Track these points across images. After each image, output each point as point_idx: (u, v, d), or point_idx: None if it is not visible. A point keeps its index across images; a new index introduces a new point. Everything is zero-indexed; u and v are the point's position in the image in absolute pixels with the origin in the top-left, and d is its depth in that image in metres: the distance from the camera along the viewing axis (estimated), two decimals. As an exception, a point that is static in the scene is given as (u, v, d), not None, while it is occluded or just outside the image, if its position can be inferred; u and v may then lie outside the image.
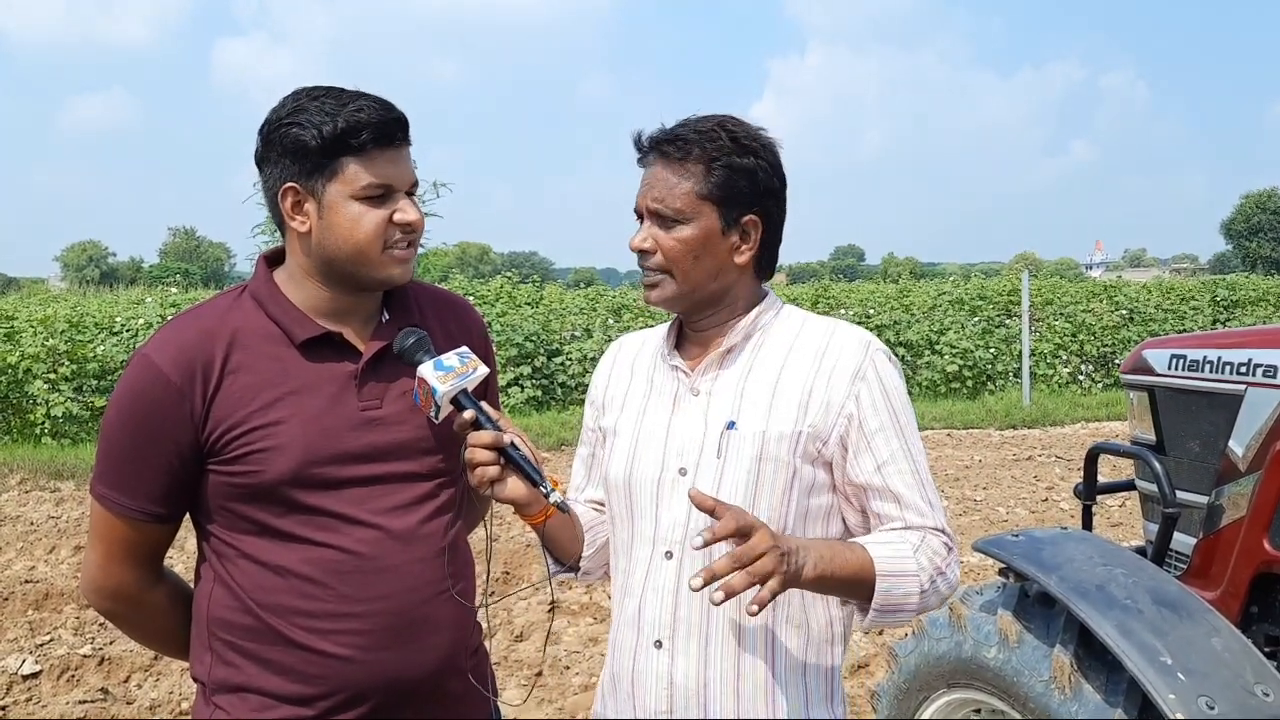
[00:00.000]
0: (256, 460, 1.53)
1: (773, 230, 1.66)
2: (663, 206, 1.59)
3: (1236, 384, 2.48)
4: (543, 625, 5.02)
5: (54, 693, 4.39)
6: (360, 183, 1.53)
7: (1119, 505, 7.20)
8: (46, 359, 10.87)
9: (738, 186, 1.59)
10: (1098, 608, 2.05)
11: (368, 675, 1.56)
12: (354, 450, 1.57)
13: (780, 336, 1.67)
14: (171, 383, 1.52)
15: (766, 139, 1.64)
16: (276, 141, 1.55)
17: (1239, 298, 17.67)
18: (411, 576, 1.58)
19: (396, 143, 1.56)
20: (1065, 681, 2.08)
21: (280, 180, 1.56)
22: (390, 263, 1.58)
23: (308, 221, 1.56)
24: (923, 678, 2.55)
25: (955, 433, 11.39)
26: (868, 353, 1.62)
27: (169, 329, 1.59)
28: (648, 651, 1.62)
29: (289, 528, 1.55)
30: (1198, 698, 1.87)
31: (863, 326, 13.75)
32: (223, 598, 1.59)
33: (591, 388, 1.85)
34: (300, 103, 1.54)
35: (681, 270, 1.61)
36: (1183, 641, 1.98)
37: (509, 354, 12.44)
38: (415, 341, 1.60)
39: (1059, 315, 15.49)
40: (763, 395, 1.61)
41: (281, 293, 1.61)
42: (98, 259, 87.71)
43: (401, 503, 1.60)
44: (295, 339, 1.58)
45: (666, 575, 1.61)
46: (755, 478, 1.58)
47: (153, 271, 66.01)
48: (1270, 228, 75.21)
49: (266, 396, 1.55)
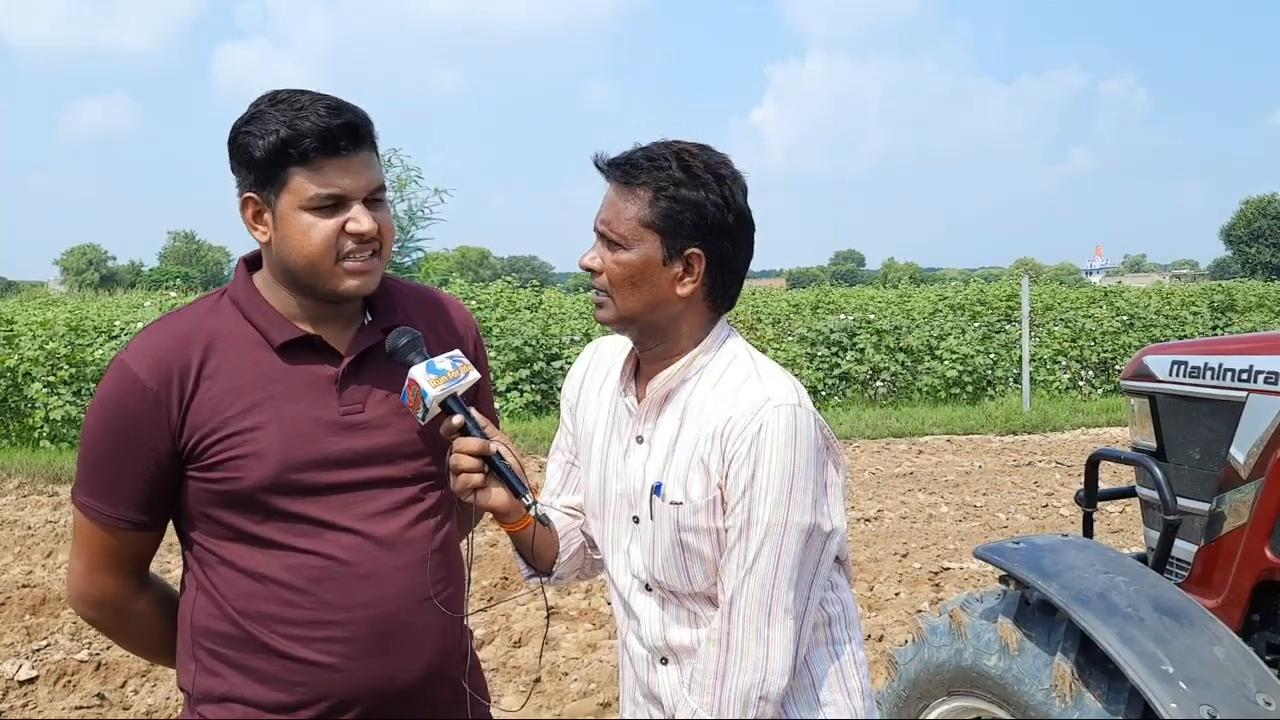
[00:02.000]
0: (235, 466, 1.51)
1: (722, 266, 1.61)
2: (608, 230, 1.60)
3: (1238, 390, 2.47)
4: (541, 631, 5.01)
5: (50, 698, 4.37)
6: (307, 194, 1.49)
7: (1119, 512, 7.19)
8: (45, 362, 10.87)
9: (681, 218, 1.56)
10: (1099, 615, 2.04)
11: (352, 683, 1.54)
12: (334, 455, 1.54)
13: (706, 388, 1.62)
14: (148, 389, 1.50)
15: (725, 173, 1.60)
16: (234, 151, 1.53)
17: (1239, 303, 17.68)
18: (395, 583, 1.56)
19: (344, 150, 1.50)
20: (1066, 690, 2.07)
21: (241, 189, 1.55)
22: (344, 275, 1.53)
23: (268, 231, 1.54)
24: (923, 685, 2.54)
25: (955, 438, 11.38)
26: (757, 415, 1.54)
27: (146, 334, 1.57)
28: (657, 668, 1.68)
29: (269, 534, 1.53)
30: (1199, 706, 1.86)
31: (864, 331, 13.81)
32: (205, 605, 1.57)
33: (567, 386, 1.86)
34: (260, 108, 1.51)
35: (620, 294, 1.60)
36: (1184, 650, 1.97)
37: (508, 359, 12.42)
38: (408, 342, 1.58)
39: (1059, 321, 15.49)
40: (684, 458, 1.60)
41: (260, 296, 1.59)
42: (97, 263, 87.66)
43: (385, 508, 1.57)
44: (274, 342, 1.56)
45: (650, 606, 1.67)
46: (680, 545, 1.60)
47: (152, 275, 65.99)
48: (1271, 233, 75.30)
49: (244, 401, 1.52)
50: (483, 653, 4.80)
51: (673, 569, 1.60)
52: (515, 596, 5.26)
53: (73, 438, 10.60)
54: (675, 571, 1.60)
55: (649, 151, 1.60)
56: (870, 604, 5.48)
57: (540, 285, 16.46)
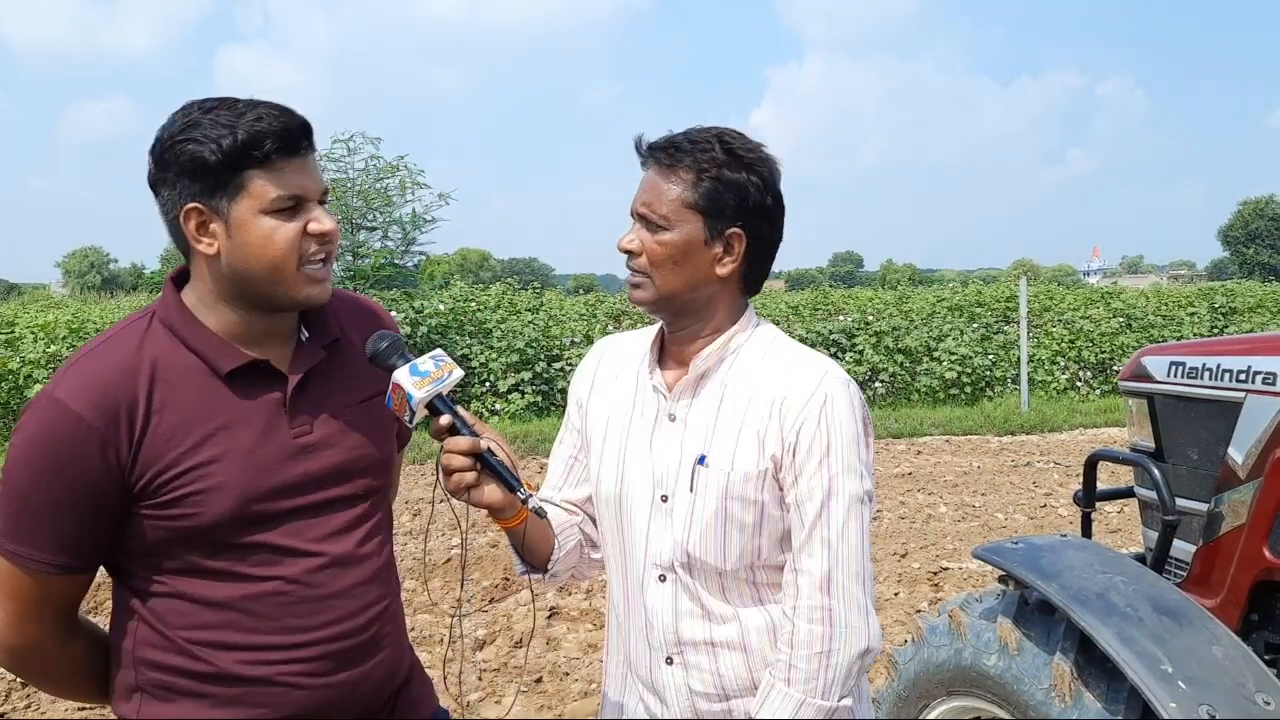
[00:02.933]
0: (193, 502, 1.44)
1: (759, 248, 1.65)
2: (650, 211, 1.62)
3: (1236, 391, 2.48)
4: (542, 631, 5.01)
5: (52, 698, 4.37)
6: (269, 196, 1.44)
7: (1117, 512, 7.20)
8: (47, 365, 10.87)
9: (724, 199, 1.60)
10: (1098, 615, 2.05)
11: (315, 701, 1.52)
12: (289, 481, 1.51)
13: (749, 363, 1.67)
14: (93, 427, 1.40)
15: (765, 155, 1.65)
16: (172, 161, 1.44)
17: (1237, 304, 17.66)
18: (355, 599, 1.55)
19: (302, 151, 1.47)
20: (1066, 689, 2.08)
21: (180, 201, 1.46)
22: (306, 282, 1.50)
23: (215, 243, 1.46)
24: (922, 685, 2.55)
25: (954, 439, 11.39)
26: (820, 385, 1.60)
27: (79, 367, 1.46)
28: (661, 666, 1.68)
29: (227, 565, 1.48)
30: (1199, 706, 1.87)
31: (862, 332, 13.81)
32: (149, 637, 1.51)
33: (576, 384, 1.85)
34: (192, 117, 1.44)
35: (661, 274, 1.63)
36: (1183, 649, 1.98)
37: (509, 360, 12.43)
38: (389, 345, 1.57)
39: (1057, 322, 15.49)
40: (731, 430, 1.63)
41: (196, 319, 1.51)
42: (99, 265, 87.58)
43: (339, 527, 1.56)
44: (220, 370, 1.49)
45: (664, 597, 1.67)
46: (724, 515, 1.61)
47: (154, 278, 65.70)
48: (1268, 234, 75.27)
49: (196, 435, 1.46)
50: (483, 653, 4.81)
51: (711, 541, 1.61)
52: (523, 593, 5.27)
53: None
54: (714, 544, 1.61)
55: (690, 135, 1.63)
56: (870, 605, 5.47)
57: (541, 287, 16.47)
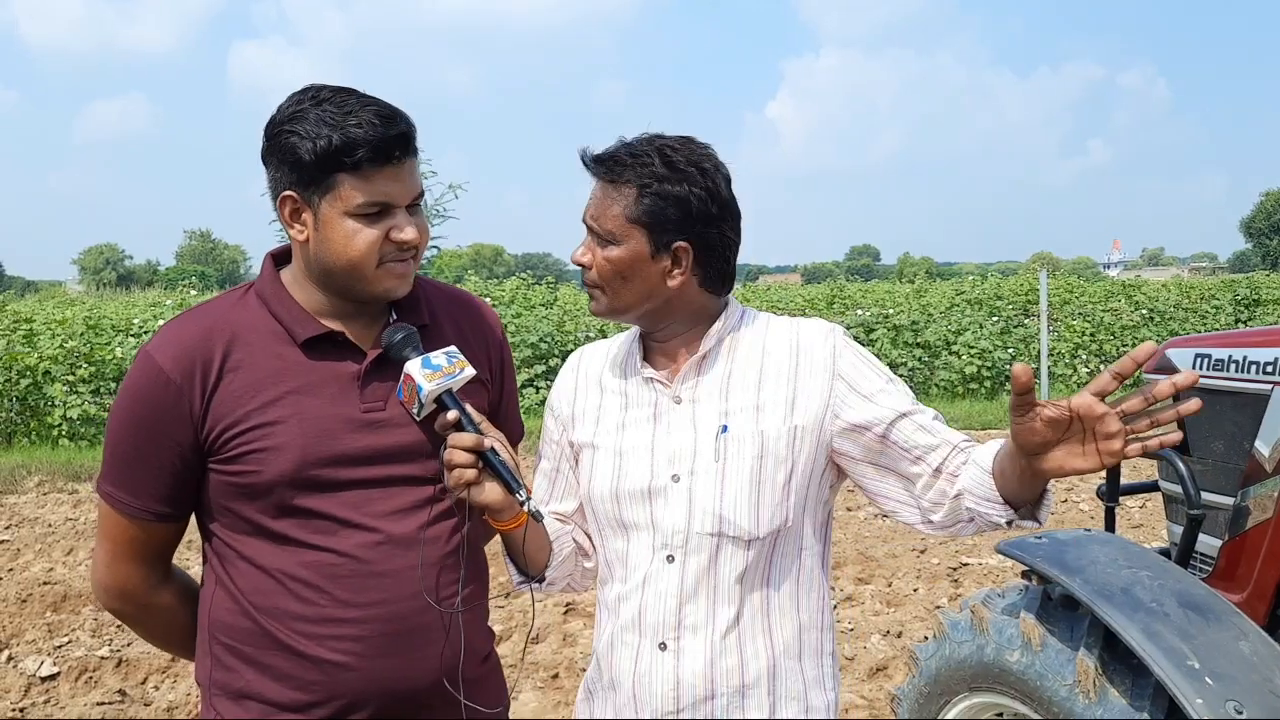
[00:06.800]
0: (255, 460, 1.51)
1: (711, 254, 1.63)
2: (596, 225, 1.62)
3: (1263, 384, 2.45)
4: (559, 627, 5.01)
5: (72, 694, 4.40)
6: (355, 201, 1.48)
7: (1139, 506, 7.15)
8: (64, 361, 10.96)
9: (666, 213, 1.58)
10: (1123, 611, 2.02)
11: (365, 682, 1.53)
12: (353, 452, 1.54)
13: (750, 340, 1.69)
14: (171, 381, 1.51)
15: (706, 166, 1.61)
16: (276, 146, 1.51)
17: (1261, 296, 17.51)
18: (411, 582, 1.55)
19: (395, 160, 1.49)
20: (1090, 685, 2.05)
21: (280, 186, 1.53)
22: (385, 277, 1.54)
23: (305, 231, 1.53)
24: (944, 681, 2.52)
25: (974, 433, 11.31)
26: (833, 336, 1.67)
27: (171, 327, 1.58)
28: (652, 654, 1.64)
29: (286, 530, 1.53)
30: (1225, 702, 1.84)
31: (881, 326, 13.77)
32: (223, 600, 1.58)
33: (555, 400, 1.82)
34: (303, 107, 1.49)
35: (611, 289, 1.63)
36: (1210, 645, 1.95)
37: (523, 355, 12.46)
38: (403, 337, 1.58)
39: (1077, 315, 15.40)
40: (748, 397, 1.64)
41: (286, 291, 1.59)
42: (115, 262, 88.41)
43: (402, 506, 1.57)
44: (297, 337, 1.55)
45: (669, 579, 1.63)
46: (758, 476, 1.61)
47: (169, 274, 66.38)
48: (1291, 226, 74.64)
49: (266, 395, 1.52)
50: (500, 649, 4.80)
51: (744, 504, 1.60)
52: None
53: (92, 436, 10.69)
54: (747, 507, 1.60)
55: (632, 148, 1.61)
56: (889, 600, 5.46)
57: (555, 282, 16.40)
